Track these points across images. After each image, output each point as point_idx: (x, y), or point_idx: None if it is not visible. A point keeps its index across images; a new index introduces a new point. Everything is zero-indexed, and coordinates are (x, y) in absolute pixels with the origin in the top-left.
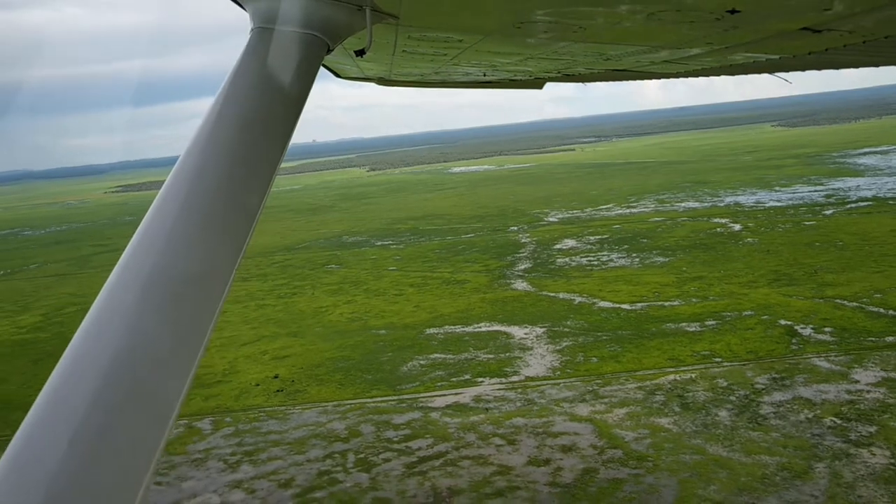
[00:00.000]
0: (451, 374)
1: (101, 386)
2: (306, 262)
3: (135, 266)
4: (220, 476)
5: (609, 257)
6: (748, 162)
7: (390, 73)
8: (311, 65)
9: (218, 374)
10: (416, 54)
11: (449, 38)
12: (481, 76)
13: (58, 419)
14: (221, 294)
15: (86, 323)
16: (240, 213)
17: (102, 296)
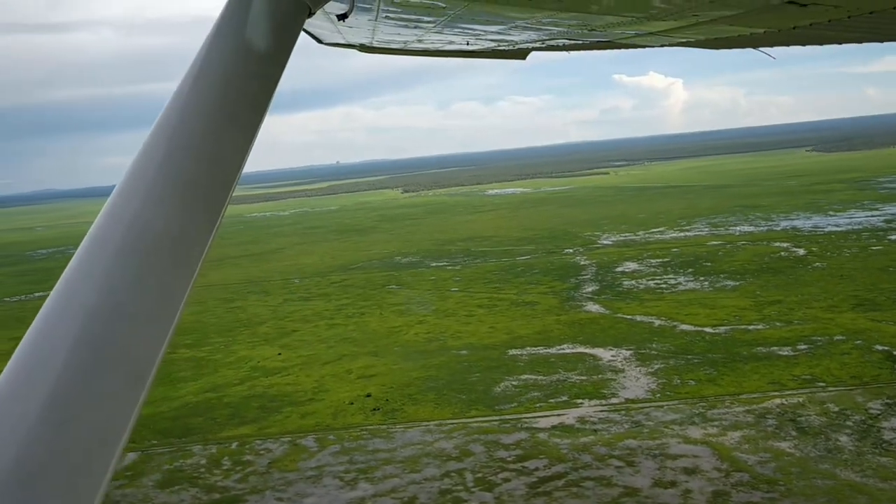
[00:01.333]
0: (548, 395)
1: (75, 346)
2: (365, 282)
3: (109, 228)
4: (340, 493)
5: (676, 280)
6: (794, 187)
7: (372, 40)
8: (291, 28)
9: (308, 392)
10: (398, 20)
11: (432, 5)
12: (465, 45)
13: (32, 380)
14: (199, 257)
15: (60, 285)
16: (218, 176)
17: (77, 258)
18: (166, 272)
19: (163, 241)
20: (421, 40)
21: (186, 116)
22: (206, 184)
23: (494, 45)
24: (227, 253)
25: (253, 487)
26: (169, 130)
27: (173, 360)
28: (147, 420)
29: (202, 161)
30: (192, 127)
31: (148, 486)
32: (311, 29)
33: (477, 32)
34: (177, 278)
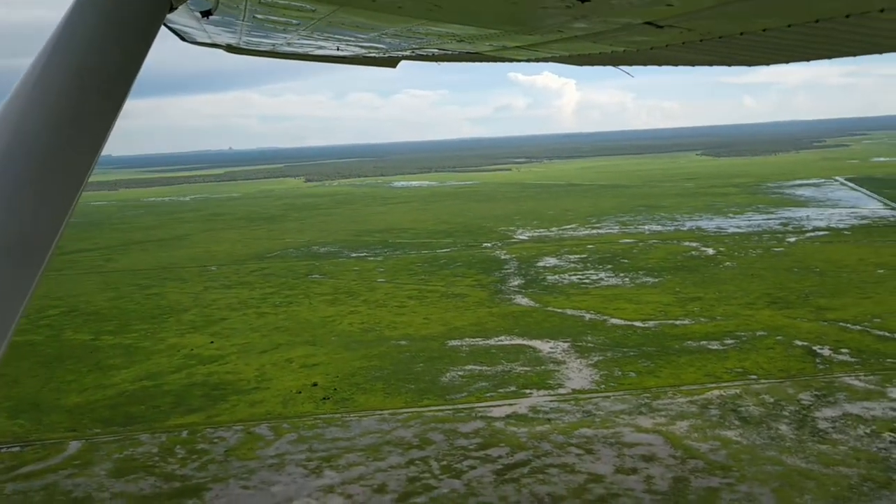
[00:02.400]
0: (496, 385)
1: None
2: (286, 271)
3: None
4: (306, 481)
5: (598, 276)
6: (691, 189)
7: (240, 41)
8: (151, 22)
9: (251, 381)
10: (267, 22)
11: (302, 7)
12: (335, 51)
13: None
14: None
15: None
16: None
17: None
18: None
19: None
20: (290, 43)
21: (31, 112)
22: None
23: (365, 52)
24: (131, 237)
25: (214, 476)
26: (11, 125)
27: (98, 346)
28: (84, 408)
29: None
30: (33, 128)
31: (101, 475)
32: (175, 26)
33: (347, 38)
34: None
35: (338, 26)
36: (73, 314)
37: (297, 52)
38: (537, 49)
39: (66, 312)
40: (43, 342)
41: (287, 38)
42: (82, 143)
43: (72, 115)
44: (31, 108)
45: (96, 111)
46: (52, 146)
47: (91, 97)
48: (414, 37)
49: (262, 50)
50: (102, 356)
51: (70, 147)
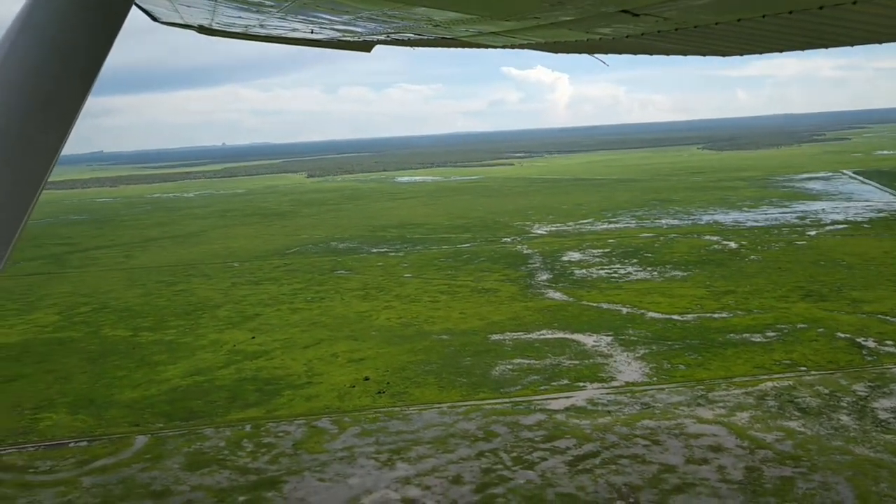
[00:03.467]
0: (547, 378)
1: None
2: (310, 266)
3: None
4: (381, 472)
5: (626, 270)
6: (700, 182)
7: (212, 22)
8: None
9: (302, 376)
10: (239, 3)
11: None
12: (309, 34)
13: None
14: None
15: None
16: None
17: None
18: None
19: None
20: (263, 25)
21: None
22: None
23: (339, 36)
24: (146, 234)
25: (287, 469)
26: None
27: (140, 342)
28: (141, 403)
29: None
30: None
31: (174, 468)
32: (146, 5)
33: (321, 21)
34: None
35: (312, 8)
36: (106, 311)
37: (270, 34)
38: (514, 35)
39: (97, 309)
40: (83, 338)
41: (260, 19)
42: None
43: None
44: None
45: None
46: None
47: (62, 75)
48: (389, 21)
49: (234, 31)
50: (146, 352)
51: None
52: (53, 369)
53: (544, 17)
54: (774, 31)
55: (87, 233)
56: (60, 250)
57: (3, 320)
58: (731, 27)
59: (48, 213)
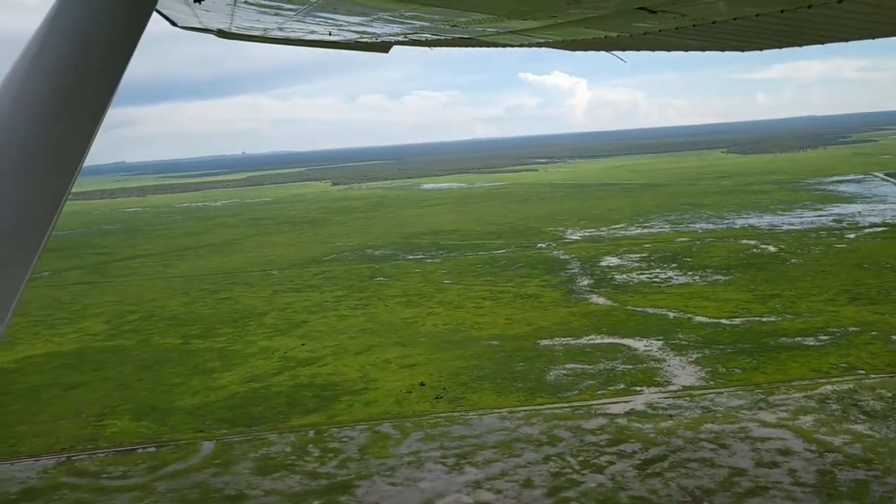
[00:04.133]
0: (603, 382)
1: None
2: (347, 273)
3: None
4: (451, 477)
5: (666, 274)
6: (729, 186)
7: (231, 26)
8: (142, 8)
9: (357, 382)
10: (258, 6)
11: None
12: (327, 36)
13: None
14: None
15: None
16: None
17: None
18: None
19: None
20: (282, 28)
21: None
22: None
23: (357, 37)
24: (181, 243)
25: (357, 473)
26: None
27: (191, 350)
28: (202, 409)
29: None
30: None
31: (244, 473)
32: (166, 11)
33: (339, 23)
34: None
35: (330, 10)
36: (153, 319)
37: (288, 37)
38: (531, 34)
39: (144, 318)
40: (135, 347)
41: (279, 22)
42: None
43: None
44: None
45: (91, 95)
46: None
47: (85, 82)
48: (406, 21)
49: (253, 35)
50: (199, 359)
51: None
52: (111, 377)
53: (562, 16)
54: (793, 25)
55: (122, 242)
56: (99, 260)
57: (55, 329)
58: (749, 22)
59: (81, 223)
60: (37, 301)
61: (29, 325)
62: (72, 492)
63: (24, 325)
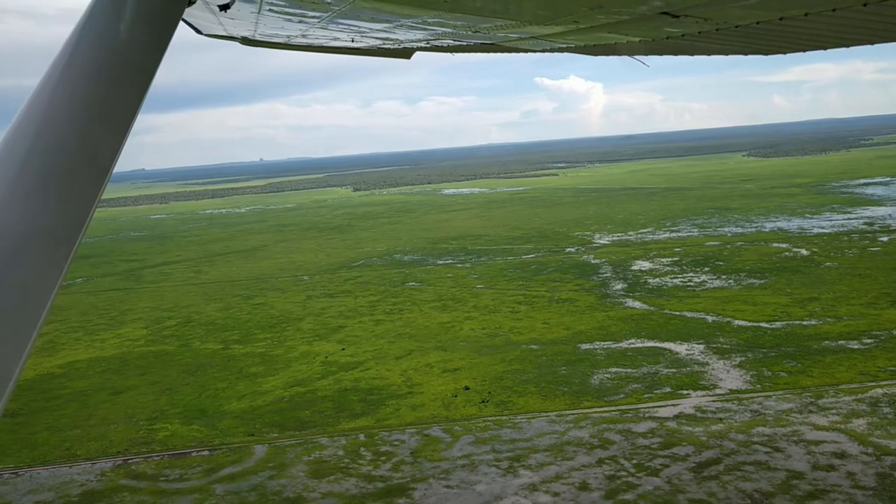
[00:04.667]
0: (648, 386)
1: None
2: (378, 279)
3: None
4: (506, 479)
5: (700, 279)
6: (754, 190)
7: (255, 33)
8: (169, 17)
9: (401, 386)
10: (282, 13)
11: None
12: (350, 42)
13: None
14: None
15: None
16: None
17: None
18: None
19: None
20: (305, 35)
21: (54, 107)
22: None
23: (380, 44)
24: (209, 249)
25: (412, 476)
26: (33, 125)
27: (232, 355)
28: (250, 413)
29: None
30: (58, 120)
31: (300, 476)
32: (191, 19)
33: (362, 29)
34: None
35: (353, 17)
36: (191, 325)
37: (311, 44)
38: (553, 39)
39: (182, 323)
40: (176, 352)
41: (302, 29)
42: (107, 136)
43: (96, 108)
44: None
45: (119, 105)
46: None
47: (114, 91)
48: (429, 28)
49: (276, 42)
50: (242, 364)
51: (95, 140)
52: (156, 381)
53: (584, 21)
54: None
55: (151, 249)
56: (131, 266)
57: (96, 335)
58: (773, 26)
59: (109, 229)
60: (74, 307)
61: (69, 331)
62: (131, 494)
63: (64, 330)
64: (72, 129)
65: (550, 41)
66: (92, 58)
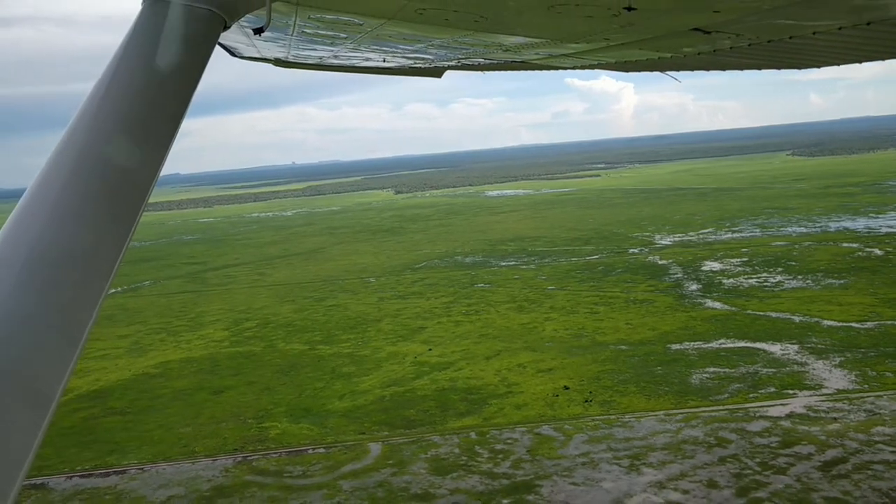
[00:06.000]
0: (751, 386)
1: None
2: (446, 280)
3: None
4: (632, 477)
5: (775, 279)
6: (808, 190)
7: (288, 55)
8: (206, 41)
9: (499, 386)
10: (315, 36)
11: (349, 21)
12: (381, 62)
13: None
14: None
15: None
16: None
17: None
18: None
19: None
20: (337, 56)
21: (96, 129)
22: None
23: (411, 63)
24: (267, 252)
25: (535, 473)
26: (77, 144)
27: (320, 356)
28: (356, 412)
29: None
30: (101, 140)
31: (422, 473)
32: (226, 42)
33: (393, 50)
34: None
35: (385, 39)
36: (270, 326)
37: (343, 64)
38: (583, 57)
39: (261, 325)
40: (263, 352)
41: (334, 51)
42: (146, 158)
43: (136, 131)
44: (96, 126)
45: (158, 127)
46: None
47: (152, 113)
48: (460, 47)
49: (309, 63)
50: (332, 365)
51: (134, 162)
52: (252, 381)
53: (614, 38)
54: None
55: (208, 252)
56: (193, 269)
57: (179, 336)
58: (805, 40)
59: (160, 233)
60: (148, 309)
61: (151, 333)
62: (260, 490)
63: (146, 332)
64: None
65: (581, 58)
66: (131, 82)
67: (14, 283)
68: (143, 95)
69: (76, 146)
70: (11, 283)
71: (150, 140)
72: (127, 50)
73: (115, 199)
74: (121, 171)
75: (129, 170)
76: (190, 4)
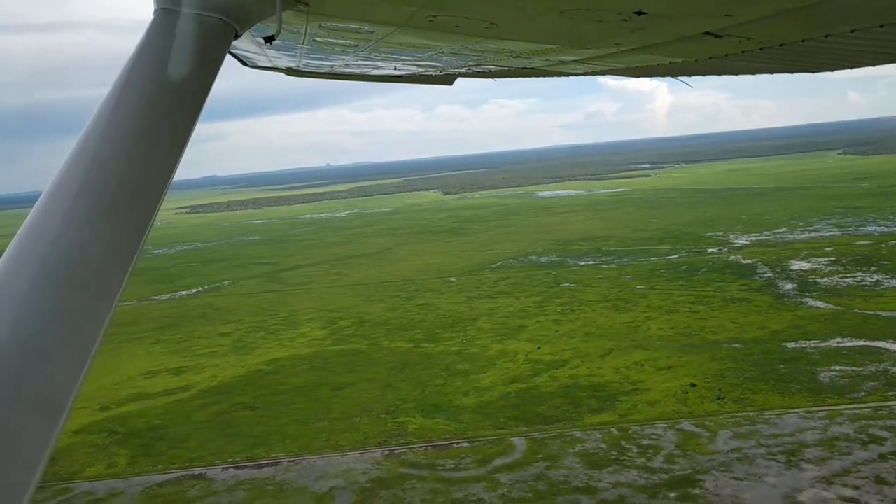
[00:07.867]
0: (886, 384)
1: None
2: (528, 280)
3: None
4: (794, 473)
5: (872, 278)
6: (874, 188)
7: (299, 64)
8: (217, 51)
9: (623, 384)
10: (326, 44)
11: (360, 29)
12: (392, 70)
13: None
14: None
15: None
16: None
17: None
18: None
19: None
20: (348, 64)
21: (108, 138)
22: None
23: (422, 70)
24: (334, 253)
25: (692, 468)
26: (90, 152)
27: (428, 353)
28: (486, 408)
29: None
30: (113, 149)
31: (577, 467)
32: (237, 52)
33: (404, 58)
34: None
35: (395, 46)
36: (367, 324)
37: (354, 72)
38: (594, 62)
39: (357, 323)
40: (370, 350)
41: (345, 59)
42: (157, 166)
43: (147, 141)
44: (108, 134)
45: (169, 135)
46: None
47: (164, 122)
48: (471, 54)
49: (320, 72)
50: (445, 362)
51: (146, 170)
52: (370, 378)
53: (624, 44)
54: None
55: (274, 253)
56: (266, 270)
57: (279, 334)
58: (818, 43)
59: (220, 234)
60: (239, 308)
61: (251, 331)
62: (419, 482)
63: (245, 330)
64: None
65: (592, 64)
66: (143, 92)
67: (27, 290)
68: (155, 104)
69: (88, 154)
70: (24, 290)
71: (162, 148)
72: (138, 59)
73: (127, 207)
74: (132, 179)
75: (140, 178)
76: (201, 14)
